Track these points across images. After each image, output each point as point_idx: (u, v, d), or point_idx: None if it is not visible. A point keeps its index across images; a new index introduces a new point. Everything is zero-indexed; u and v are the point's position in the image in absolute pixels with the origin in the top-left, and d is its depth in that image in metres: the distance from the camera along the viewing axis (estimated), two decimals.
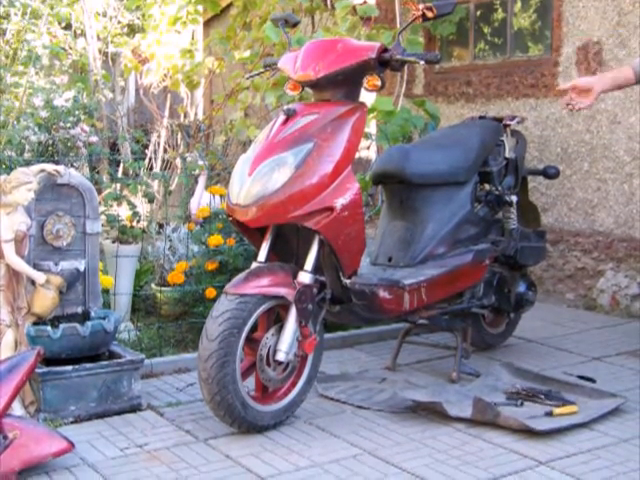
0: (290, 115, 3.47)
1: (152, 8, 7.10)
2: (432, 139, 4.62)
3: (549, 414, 3.59)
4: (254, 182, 3.37)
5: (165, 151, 7.14)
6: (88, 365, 3.60)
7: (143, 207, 5.24)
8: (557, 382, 3.98)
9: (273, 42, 5.74)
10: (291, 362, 3.48)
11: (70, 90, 7.07)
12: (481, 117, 4.71)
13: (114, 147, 7.33)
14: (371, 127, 6.49)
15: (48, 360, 3.52)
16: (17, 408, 3.43)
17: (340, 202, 3.41)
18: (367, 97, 4.15)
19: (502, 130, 4.53)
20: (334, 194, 3.40)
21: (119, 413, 3.66)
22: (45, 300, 3.60)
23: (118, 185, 5.19)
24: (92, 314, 3.83)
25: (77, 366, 3.57)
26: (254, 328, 3.44)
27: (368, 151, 6.29)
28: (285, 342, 3.39)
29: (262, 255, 3.54)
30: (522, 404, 3.70)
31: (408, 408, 3.72)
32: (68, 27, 8.68)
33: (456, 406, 3.64)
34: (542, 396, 3.76)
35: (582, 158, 5.82)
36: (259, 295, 3.34)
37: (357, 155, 3.72)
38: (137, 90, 8.30)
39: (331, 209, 3.40)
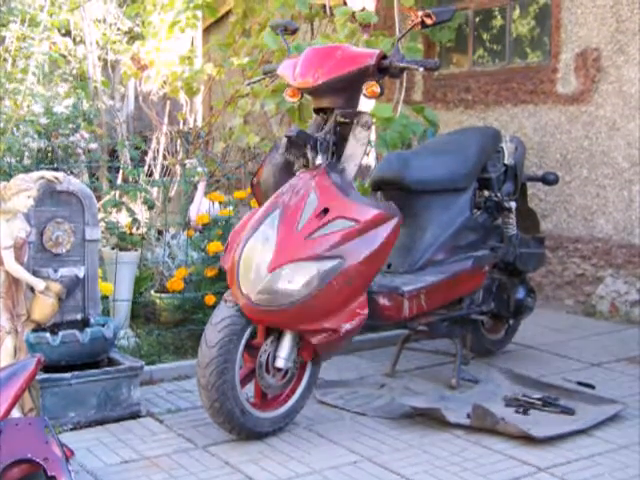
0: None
1: (151, 15, 7.10)
2: (431, 146, 4.62)
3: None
4: (272, 284, 3.22)
5: (164, 158, 7.14)
6: (87, 372, 3.60)
7: (142, 214, 5.24)
8: (556, 388, 3.98)
9: (272, 49, 5.75)
10: (290, 369, 3.48)
11: (70, 97, 7.08)
12: None
13: (113, 154, 7.33)
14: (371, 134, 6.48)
15: (47, 367, 3.51)
16: (17, 415, 3.42)
17: (345, 328, 3.35)
18: (366, 104, 4.15)
19: (501, 137, 4.54)
20: (343, 318, 3.34)
21: (118, 420, 3.66)
22: (44, 307, 3.60)
23: (117, 192, 5.19)
24: (91, 321, 3.83)
25: (76, 373, 3.57)
26: (253, 335, 3.44)
27: (367, 158, 6.29)
28: (284, 349, 3.39)
29: None
30: (526, 412, 3.70)
31: (407, 414, 3.72)
32: (67, 34, 8.69)
33: (455, 412, 3.63)
34: (541, 402, 3.76)
35: (581, 164, 5.83)
36: None
37: None
38: (136, 97, 8.30)
39: (335, 331, 3.35)
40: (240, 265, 3.29)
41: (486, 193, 4.47)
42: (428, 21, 3.54)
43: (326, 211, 3.30)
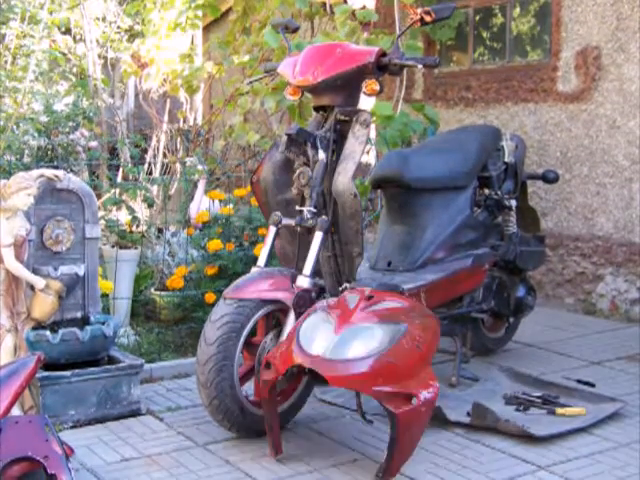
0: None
1: (151, 13, 7.11)
2: (431, 144, 4.62)
3: (552, 413, 3.60)
4: (342, 342, 3.09)
5: (164, 156, 7.14)
6: (87, 370, 3.61)
7: (142, 212, 5.24)
8: (556, 387, 3.98)
9: (272, 47, 5.75)
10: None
11: (70, 95, 7.07)
12: None
13: (113, 152, 7.33)
14: (371, 132, 6.49)
15: (47, 365, 3.51)
16: (17, 413, 3.42)
17: (424, 395, 3.06)
18: (367, 102, 4.15)
19: (501, 135, 4.54)
20: (419, 385, 3.07)
21: (118, 418, 3.66)
22: (44, 305, 3.60)
23: (117, 190, 5.19)
24: (91, 319, 3.83)
25: (76, 371, 3.57)
26: (253, 332, 3.44)
27: (367, 156, 6.29)
28: None
29: (262, 260, 3.54)
30: (526, 410, 3.70)
31: None
32: (67, 32, 8.69)
33: (455, 411, 3.64)
34: (541, 401, 3.76)
35: (581, 163, 5.83)
36: (257, 299, 3.34)
37: None
38: (136, 95, 8.30)
39: (413, 397, 3.06)
40: (304, 340, 3.12)
41: (486, 191, 4.47)
42: (427, 18, 3.53)
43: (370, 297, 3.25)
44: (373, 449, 3.35)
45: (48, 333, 3.57)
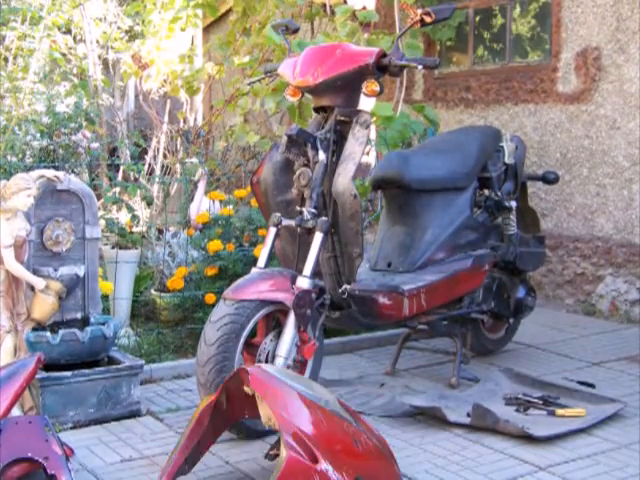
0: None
1: (152, 14, 7.11)
2: (431, 145, 4.62)
3: (552, 414, 3.60)
4: None
5: (165, 157, 7.14)
6: (87, 371, 3.61)
7: (142, 212, 5.24)
8: (556, 387, 3.98)
9: (273, 47, 5.75)
10: (290, 368, 3.47)
11: (71, 96, 7.07)
12: None
13: (114, 153, 7.33)
14: (370, 132, 6.49)
15: (47, 366, 3.52)
16: (17, 414, 3.42)
17: None
18: (367, 103, 4.15)
19: (501, 136, 4.54)
20: None
21: (118, 419, 3.66)
22: (44, 306, 3.60)
23: (117, 189, 5.19)
24: (91, 320, 3.83)
25: (76, 372, 3.57)
26: (253, 333, 3.44)
27: (367, 157, 6.29)
28: (284, 348, 3.38)
29: (262, 261, 3.54)
30: (526, 410, 3.70)
31: (406, 413, 3.72)
32: (68, 33, 8.69)
33: (455, 411, 3.64)
34: (541, 402, 3.76)
35: (581, 163, 5.83)
36: (257, 300, 3.34)
37: None
38: (137, 96, 8.30)
39: None
40: None
41: (486, 192, 4.47)
42: (427, 19, 3.53)
43: None
44: None
45: (48, 334, 3.57)
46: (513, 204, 4.46)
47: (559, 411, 3.65)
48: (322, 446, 2.68)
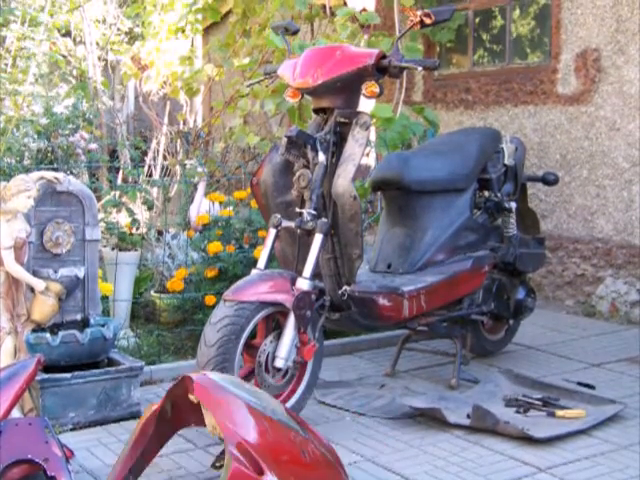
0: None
1: (151, 16, 7.12)
2: (431, 146, 4.62)
3: (552, 415, 3.60)
4: None
5: (164, 158, 7.15)
6: (87, 372, 3.60)
7: (142, 214, 5.24)
8: (556, 389, 3.98)
9: (273, 49, 5.76)
10: (290, 369, 3.47)
11: (70, 97, 7.08)
12: None
13: (113, 154, 7.34)
14: (370, 134, 6.49)
15: (47, 367, 3.51)
16: (17, 415, 3.42)
17: None
18: (366, 104, 4.15)
19: (501, 137, 4.54)
20: None
21: (118, 420, 3.65)
22: (44, 307, 3.60)
23: (117, 192, 5.19)
24: (91, 321, 3.83)
25: (76, 373, 3.57)
26: (253, 335, 3.44)
27: (367, 158, 6.30)
28: (283, 349, 3.39)
29: (262, 262, 3.54)
30: (526, 412, 3.70)
31: (406, 414, 3.72)
32: (68, 34, 8.70)
33: (455, 413, 3.63)
34: (541, 403, 3.76)
35: (581, 165, 5.83)
36: (257, 302, 3.34)
37: None
38: (136, 97, 8.31)
39: None
40: None
41: (486, 193, 4.47)
42: (427, 21, 3.54)
43: None
44: (373, 451, 3.35)
45: (48, 335, 3.57)
46: (513, 205, 4.46)
47: (559, 412, 3.65)
48: (268, 457, 2.61)
